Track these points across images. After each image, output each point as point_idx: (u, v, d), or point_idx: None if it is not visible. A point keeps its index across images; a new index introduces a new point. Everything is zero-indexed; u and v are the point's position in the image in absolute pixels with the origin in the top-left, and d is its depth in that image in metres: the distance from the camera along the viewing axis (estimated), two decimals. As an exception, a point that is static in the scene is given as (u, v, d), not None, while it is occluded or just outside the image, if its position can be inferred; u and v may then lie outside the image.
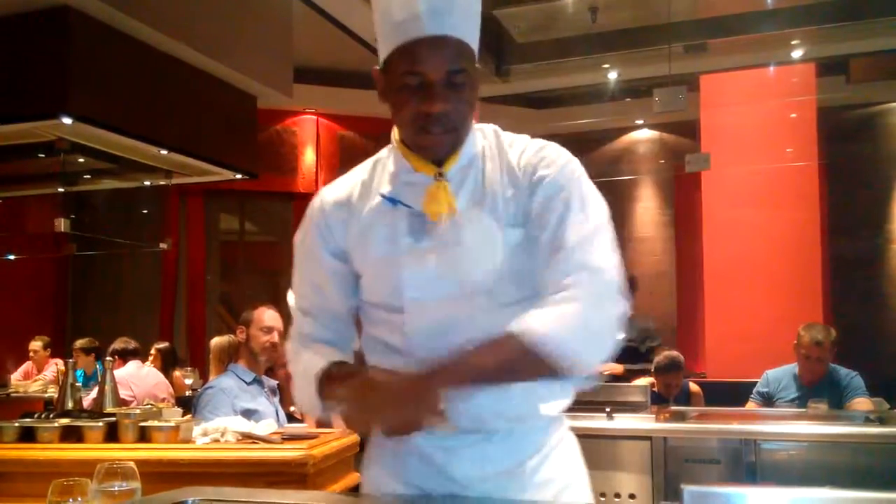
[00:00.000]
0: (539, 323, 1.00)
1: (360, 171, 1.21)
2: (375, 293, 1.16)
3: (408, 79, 1.05)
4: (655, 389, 3.87)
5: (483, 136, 1.18)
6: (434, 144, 1.10)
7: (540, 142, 1.17)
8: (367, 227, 1.15)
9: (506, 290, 1.10)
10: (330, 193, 1.20)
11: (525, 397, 1.15)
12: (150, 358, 4.86)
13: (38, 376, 5.36)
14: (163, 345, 5.06)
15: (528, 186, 1.12)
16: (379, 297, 1.16)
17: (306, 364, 1.16)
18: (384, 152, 1.21)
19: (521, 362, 1.00)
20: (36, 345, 5.62)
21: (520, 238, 1.10)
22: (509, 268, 1.09)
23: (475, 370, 1.00)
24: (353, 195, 1.18)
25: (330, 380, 1.12)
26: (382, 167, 1.18)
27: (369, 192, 1.17)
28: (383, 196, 1.14)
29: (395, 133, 1.17)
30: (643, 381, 4.04)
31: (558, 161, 1.13)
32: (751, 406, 3.56)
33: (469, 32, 1.07)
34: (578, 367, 1.01)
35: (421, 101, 1.06)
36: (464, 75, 1.06)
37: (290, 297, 1.26)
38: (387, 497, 1.18)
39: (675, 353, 3.90)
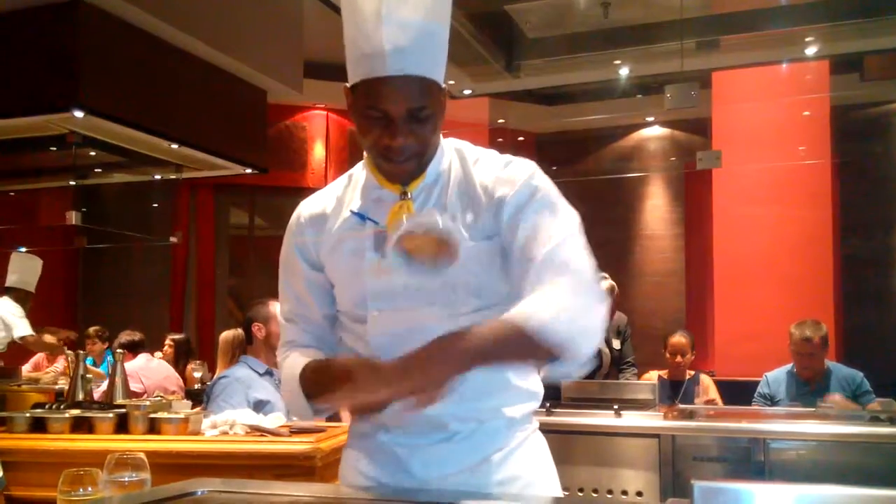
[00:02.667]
0: (536, 309, 1.02)
1: (335, 186, 1.28)
2: (343, 303, 1.23)
3: (370, 112, 1.10)
4: (665, 376, 3.87)
5: (449, 154, 1.21)
6: (396, 172, 1.16)
7: (506, 158, 1.19)
8: (337, 241, 1.21)
9: (464, 301, 1.15)
10: (306, 208, 1.27)
11: (488, 400, 1.19)
12: (165, 349, 4.90)
13: (48, 368, 5.40)
14: (178, 336, 5.10)
15: (489, 204, 1.14)
16: (346, 308, 1.22)
17: (290, 366, 1.21)
18: (358, 168, 1.26)
19: (520, 346, 1.02)
20: (51, 337, 5.66)
21: (478, 252, 1.14)
22: (467, 281, 1.14)
23: (475, 350, 1.01)
24: (326, 210, 1.24)
25: (314, 372, 1.17)
26: (356, 182, 1.24)
27: (341, 207, 1.23)
28: (353, 212, 1.20)
29: (365, 150, 1.22)
30: (652, 374, 4.03)
31: (522, 175, 1.15)
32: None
33: (434, 67, 1.11)
34: (570, 355, 1.03)
35: (382, 134, 1.10)
36: (426, 110, 1.10)
37: (276, 308, 1.31)
38: (390, 489, 1.19)
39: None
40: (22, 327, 4.68)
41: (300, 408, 1.19)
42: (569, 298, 1.03)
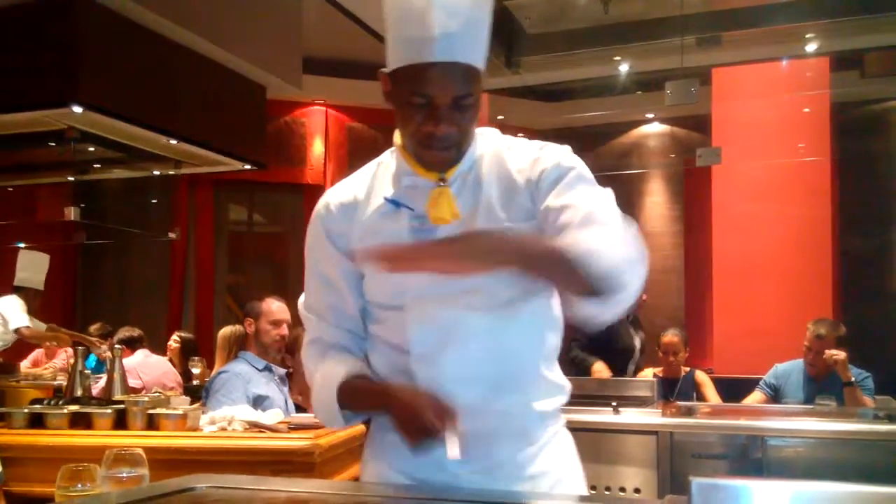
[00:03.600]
0: (582, 239, 1.00)
1: (363, 174, 1.25)
2: (378, 293, 1.19)
3: (414, 98, 1.08)
4: (661, 375, 3.87)
5: (484, 141, 1.21)
6: (436, 161, 1.14)
7: (538, 143, 1.20)
8: (370, 229, 1.18)
9: (506, 287, 1.13)
10: (335, 196, 1.23)
11: (519, 394, 1.18)
12: (171, 345, 4.91)
13: (47, 363, 5.40)
14: (186, 334, 5.11)
15: (526, 188, 1.15)
16: (382, 297, 1.19)
17: (325, 375, 1.19)
18: (387, 155, 1.24)
19: (564, 269, 0.99)
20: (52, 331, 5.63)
21: None
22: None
23: (522, 253, 0.99)
24: (357, 197, 1.21)
25: (356, 393, 1.16)
26: (385, 169, 1.22)
27: (372, 194, 1.20)
28: (386, 199, 1.17)
29: (397, 136, 1.20)
30: (647, 371, 4.03)
31: (557, 156, 1.16)
32: (757, 395, 3.56)
33: (478, 54, 1.10)
34: (612, 287, 1.00)
35: (425, 121, 1.09)
36: (470, 98, 1.09)
37: (301, 303, 1.28)
38: (390, 485, 1.19)
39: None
40: (16, 320, 4.64)
41: (332, 418, 1.19)
42: (612, 238, 1.02)
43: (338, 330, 1.23)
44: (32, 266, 4.85)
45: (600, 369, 3.90)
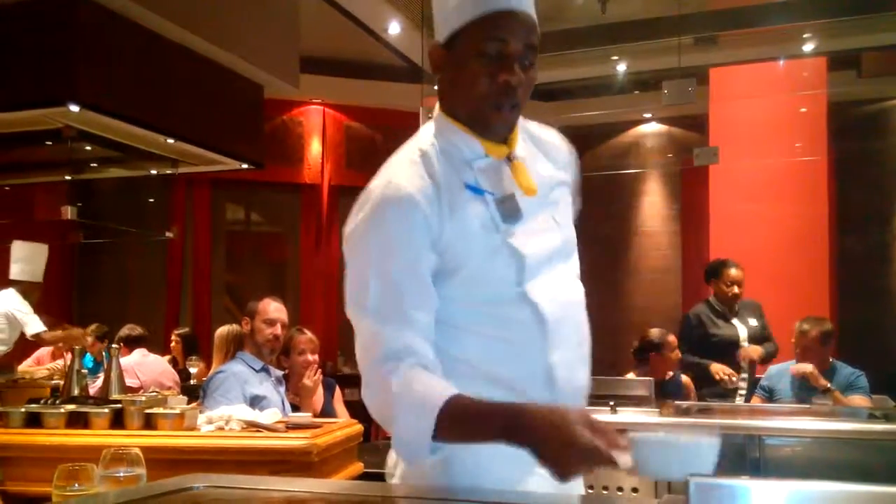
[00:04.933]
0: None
1: (416, 161, 1.12)
2: (479, 288, 1.09)
3: (488, 46, 1.07)
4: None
5: None
6: (503, 122, 1.13)
7: (554, 130, 1.30)
8: (460, 220, 1.09)
9: (575, 254, 1.23)
10: (411, 184, 1.08)
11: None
12: (173, 345, 4.89)
13: (50, 364, 5.38)
14: (183, 330, 5.09)
15: (564, 163, 1.26)
16: (486, 292, 1.09)
17: (417, 394, 0.99)
18: (427, 139, 1.14)
19: None
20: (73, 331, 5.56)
21: (572, 208, 1.25)
22: (573, 236, 1.22)
23: None
24: (435, 186, 1.09)
25: (462, 414, 0.98)
26: (437, 154, 1.12)
27: (444, 183, 1.10)
28: (468, 186, 1.11)
29: (443, 115, 1.15)
30: (630, 376, 4.01)
31: (575, 159, 1.31)
32: (755, 401, 3.57)
33: (536, 13, 1.13)
34: None
35: (498, 71, 1.07)
36: (534, 54, 1.11)
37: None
38: (388, 485, 1.18)
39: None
40: (33, 324, 4.55)
41: (417, 448, 0.99)
42: None
43: (419, 338, 1.03)
44: (28, 257, 4.74)
45: (718, 369, 3.80)
